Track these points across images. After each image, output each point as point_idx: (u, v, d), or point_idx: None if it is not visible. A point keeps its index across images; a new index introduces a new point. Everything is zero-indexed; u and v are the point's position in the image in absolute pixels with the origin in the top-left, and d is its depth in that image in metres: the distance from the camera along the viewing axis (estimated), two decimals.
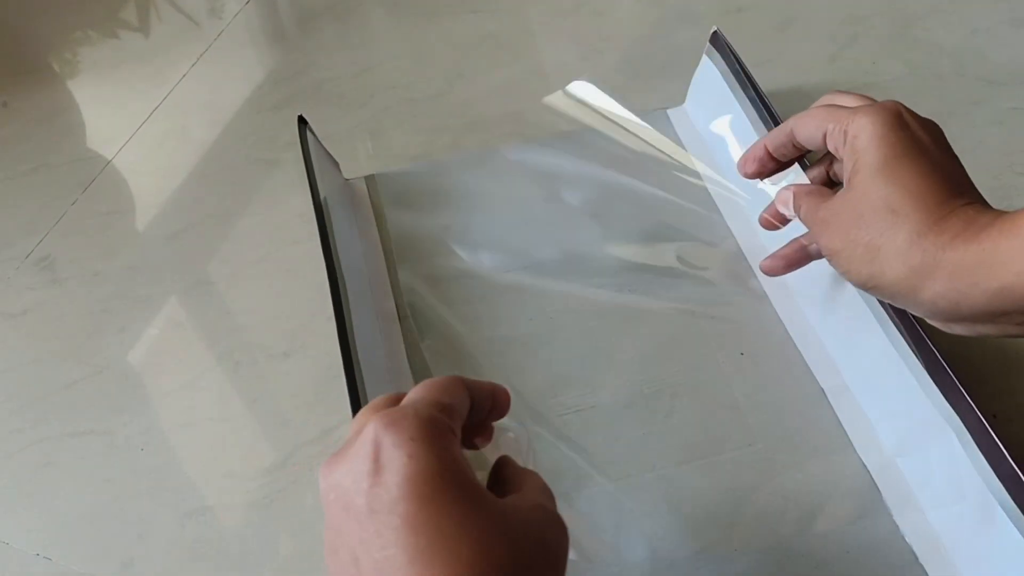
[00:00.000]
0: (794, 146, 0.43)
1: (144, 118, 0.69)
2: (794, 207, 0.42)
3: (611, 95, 0.66)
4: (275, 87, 0.70)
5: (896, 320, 0.43)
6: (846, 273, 0.38)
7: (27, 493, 0.49)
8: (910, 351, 0.42)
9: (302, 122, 0.55)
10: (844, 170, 0.39)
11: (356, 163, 0.62)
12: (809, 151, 0.44)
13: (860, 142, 0.38)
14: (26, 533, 0.47)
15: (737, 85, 0.55)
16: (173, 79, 0.72)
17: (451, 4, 0.75)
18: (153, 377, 0.53)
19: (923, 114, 0.40)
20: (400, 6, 0.76)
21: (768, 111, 0.53)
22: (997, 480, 0.37)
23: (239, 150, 0.65)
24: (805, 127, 0.41)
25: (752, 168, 0.45)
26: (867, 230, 0.37)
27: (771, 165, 0.45)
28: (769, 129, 0.51)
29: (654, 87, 0.66)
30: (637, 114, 0.62)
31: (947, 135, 0.40)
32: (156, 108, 0.70)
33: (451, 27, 0.73)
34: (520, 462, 0.34)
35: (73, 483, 0.49)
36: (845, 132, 0.39)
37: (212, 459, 0.49)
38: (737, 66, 0.56)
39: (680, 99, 0.64)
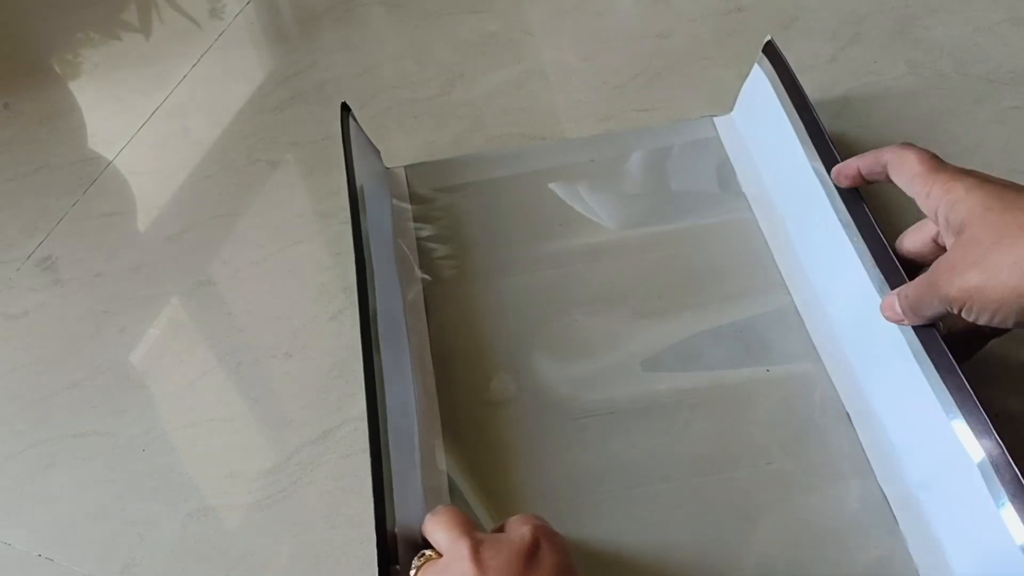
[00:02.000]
0: (886, 177, 0.44)
1: (145, 119, 0.69)
2: (901, 306, 0.42)
3: (611, 96, 0.66)
4: (276, 88, 0.70)
5: (929, 350, 0.41)
6: (997, 307, 0.36)
7: (29, 494, 0.49)
8: (941, 383, 0.40)
9: (345, 108, 0.56)
10: (946, 230, 0.40)
11: None
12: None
13: (958, 201, 0.39)
14: (28, 534, 0.47)
15: (787, 97, 0.54)
16: (174, 80, 0.72)
17: (452, 4, 0.75)
18: (154, 378, 0.53)
19: (924, 113, 0.40)
20: (401, 6, 0.76)
21: (817, 127, 0.52)
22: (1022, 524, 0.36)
23: (240, 151, 0.65)
24: (901, 174, 0.43)
25: (846, 184, 0.48)
26: (1009, 250, 0.35)
27: (861, 183, 0.47)
28: (816, 147, 0.51)
29: (654, 87, 0.66)
30: (683, 121, 0.62)
31: (948, 134, 0.40)
32: (157, 109, 0.70)
33: (452, 27, 0.73)
34: None
35: (75, 484, 0.49)
36: (942, 202, 0.40)
37: (214, 459, 0.49)
38: (789, 77, 0.55)
39: (680, 100, 0.64)
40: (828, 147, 0.51)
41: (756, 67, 0.57)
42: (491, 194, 0.58)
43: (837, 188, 0.49)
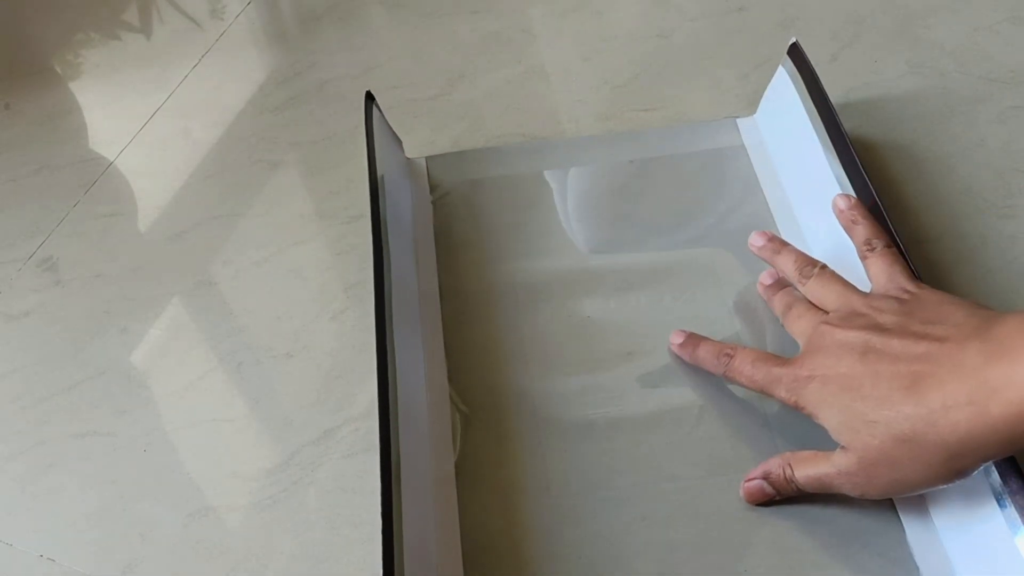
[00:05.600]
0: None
1: (146, 119, 0.69)
2: (785, 477, 0.43)
3: (612, 96, 0.66)
4: (277, 88, 0.70)
5: None
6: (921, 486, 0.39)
7: (30, 494, 0.49)
8: None
9: (369, 98, 0.56)
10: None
11: (360, 162, 0.62)
12: None
13: (809, 410, 0.42)
14: (29, 534, 0.47)
15: (811, 101, 0.54)
16: (175, 80, 0.72)
17: (452, 4, 0.75)
18: (156, 378, 0.53)
19: (924, 113, 0.39)
20: (401, 6, 0.76)
21: (839, 132, 0.52)
22: None
23: (241, 151, 0.66)
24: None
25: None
26: (903, 477, 0.38)
27: None
28: (837, 152, 0.51)
29: (655, 87, 0.66)
30: (704, 122, 0.62)
31: (948, 134, 0.40)
32: (158, 109, 0.70)
33: (452, 27, 0.73)
34: None
35: (76, 484, 0.49)
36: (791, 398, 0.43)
37: (215, 460, 0.49)
38: (813, 80, 0.54)
39: (680, 100, 0.64)
40: (849, 153, 0.51)
41: (780, 69, 0.57)
42: (513, 189, 0.59)
43: (855, 191, 0.49)
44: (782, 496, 0.43)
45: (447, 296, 0.53)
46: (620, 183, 0.59)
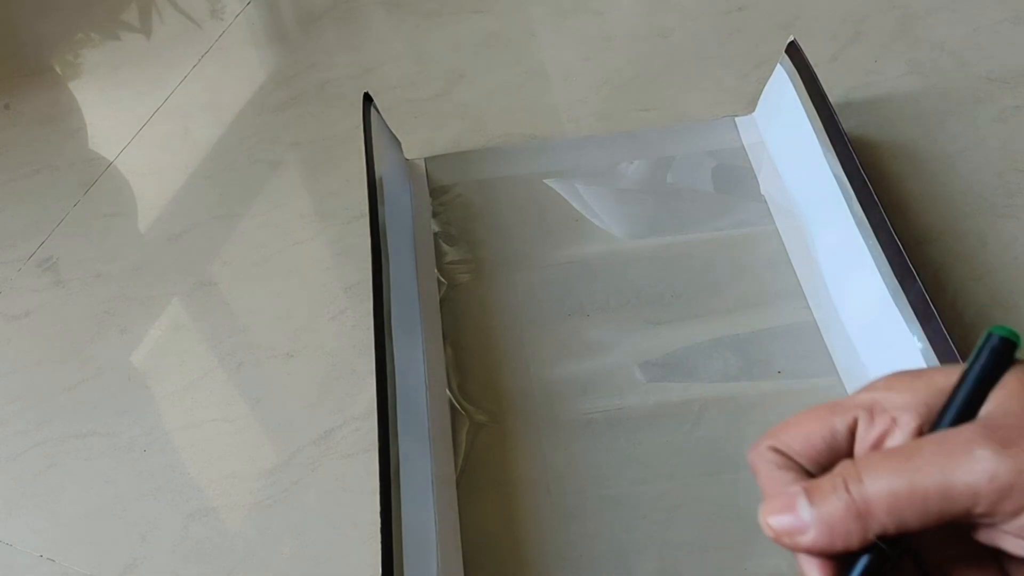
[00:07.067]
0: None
1: (146, 119, 0.69)
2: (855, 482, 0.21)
3: (612, 95, 0.66)
4: (277, 88, 0.70)
5: (942, 358, 0.41)
6: None
7: (30, 495, 0.49)
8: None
9: (367, 99, 0.56)
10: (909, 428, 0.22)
11: (360, 163, 0.62)
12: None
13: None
14: (29, 535, 0.47)
15: (809, 99, 0.54)
16: (175, 80, 0.72)
17: (452, 4, 0.75)
18: (156, 378, 0.53)
19: (925, 112, 0.39)
20: (401, 7, 0.76)
21: (837, 129, 0.52)
22: None
23: (241, 151, 0.66)
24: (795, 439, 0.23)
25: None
26: None
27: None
28: (835, 149, 0.51)
29: (655, 87, 0.66)
30: (703, 121, 0.62)
31: (948, 134, 0.40)
32: (158, 109, 0.70)
33: (452, 28, 0.73)
34: None
35: (76, 485, 0.49)
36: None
37: (215, 460, 0.49)
38: (811, 78, 0.54)
39: (680, 99, 0.64)
40: (848, 151, 0.51)
41: (779, 67, 0.58)
42: (513, 188, 0.59)
43: (853, 189, 0.49)
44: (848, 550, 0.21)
45: (447, 296, 0.53)
46: (619, 182, 0.59)
